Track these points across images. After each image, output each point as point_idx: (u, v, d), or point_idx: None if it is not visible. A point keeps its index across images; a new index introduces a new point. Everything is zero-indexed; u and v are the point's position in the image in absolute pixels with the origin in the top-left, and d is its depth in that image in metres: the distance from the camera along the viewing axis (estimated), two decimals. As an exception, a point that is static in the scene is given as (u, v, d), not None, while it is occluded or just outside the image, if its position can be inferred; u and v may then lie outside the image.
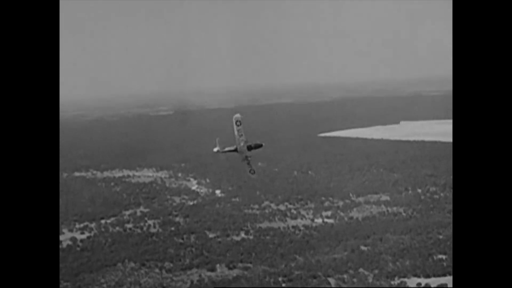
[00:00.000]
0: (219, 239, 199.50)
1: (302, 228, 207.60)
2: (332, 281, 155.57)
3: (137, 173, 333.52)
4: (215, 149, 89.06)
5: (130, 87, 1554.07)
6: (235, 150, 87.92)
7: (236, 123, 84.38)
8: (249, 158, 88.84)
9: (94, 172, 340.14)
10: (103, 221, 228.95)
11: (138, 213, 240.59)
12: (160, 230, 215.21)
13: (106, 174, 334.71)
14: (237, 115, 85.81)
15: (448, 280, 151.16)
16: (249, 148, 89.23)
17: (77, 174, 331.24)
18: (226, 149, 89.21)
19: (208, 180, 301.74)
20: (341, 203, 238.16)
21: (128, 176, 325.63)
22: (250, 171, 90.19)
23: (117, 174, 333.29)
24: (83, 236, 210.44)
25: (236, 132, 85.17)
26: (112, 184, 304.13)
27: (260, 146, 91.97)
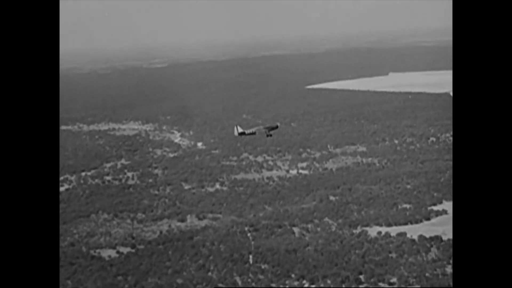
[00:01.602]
0: (194, 191, 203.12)
1: (276, 179, 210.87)
2: (296, 230, 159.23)
3: (122, 126, 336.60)
4: (236, 133, 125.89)
5: (127, 40, 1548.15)
6: (254, 133, 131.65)
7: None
8: (269, 133, 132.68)
9: (80, 125, 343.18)
10: (83, 174, 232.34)
11: (119, 166, 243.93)
12: (138, 182, 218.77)
13: (92, 127, 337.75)
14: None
15: (408, 229, 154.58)
16: (267, 134, 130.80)
17: (63, 127, 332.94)
18: (247, 131, 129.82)
19: (191, 133, 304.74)
20: (318, 154, 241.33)
21: (113, 129, 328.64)
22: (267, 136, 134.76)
23: (103, 127, 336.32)
24: (62, 189, 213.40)
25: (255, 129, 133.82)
26: (97, 137, 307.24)
27: (276, 127, 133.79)
